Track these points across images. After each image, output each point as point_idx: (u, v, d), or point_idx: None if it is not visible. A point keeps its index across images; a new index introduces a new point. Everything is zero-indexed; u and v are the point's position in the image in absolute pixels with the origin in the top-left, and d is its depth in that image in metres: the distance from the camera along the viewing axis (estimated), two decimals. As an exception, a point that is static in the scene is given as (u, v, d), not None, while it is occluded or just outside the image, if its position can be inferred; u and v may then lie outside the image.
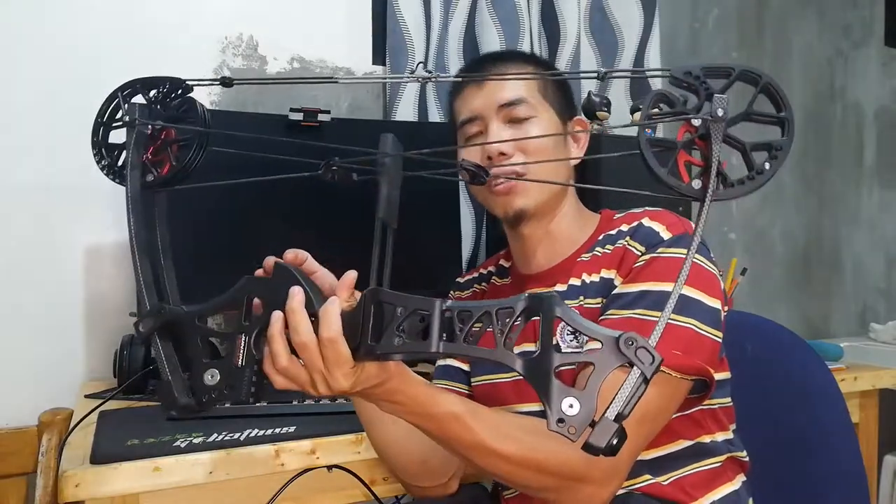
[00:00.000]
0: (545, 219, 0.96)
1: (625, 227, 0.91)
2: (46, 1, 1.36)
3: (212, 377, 0.60)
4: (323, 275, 0.76)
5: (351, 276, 0.63)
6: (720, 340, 0.84)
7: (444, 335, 0.54)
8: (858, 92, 2.39)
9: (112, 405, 1.11)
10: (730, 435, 0.94)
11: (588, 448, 0.46)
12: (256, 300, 0.64)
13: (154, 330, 0.60)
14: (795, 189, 2.28)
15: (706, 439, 0.90)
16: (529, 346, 0.84)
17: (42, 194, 1.35)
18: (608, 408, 0.46)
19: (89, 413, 1.04)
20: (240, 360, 0.61)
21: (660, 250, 0.85)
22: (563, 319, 0.50)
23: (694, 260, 0.79)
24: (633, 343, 0.47)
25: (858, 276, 2.41)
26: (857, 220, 2.40)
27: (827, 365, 1.14)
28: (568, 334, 0.87)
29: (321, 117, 1.35)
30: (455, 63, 1.69)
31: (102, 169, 0.69)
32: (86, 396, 1.20)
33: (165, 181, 0.67)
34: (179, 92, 0.67)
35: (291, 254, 0.68)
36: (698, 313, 0.81)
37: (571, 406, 0.47)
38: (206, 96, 1.49)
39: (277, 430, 0.95)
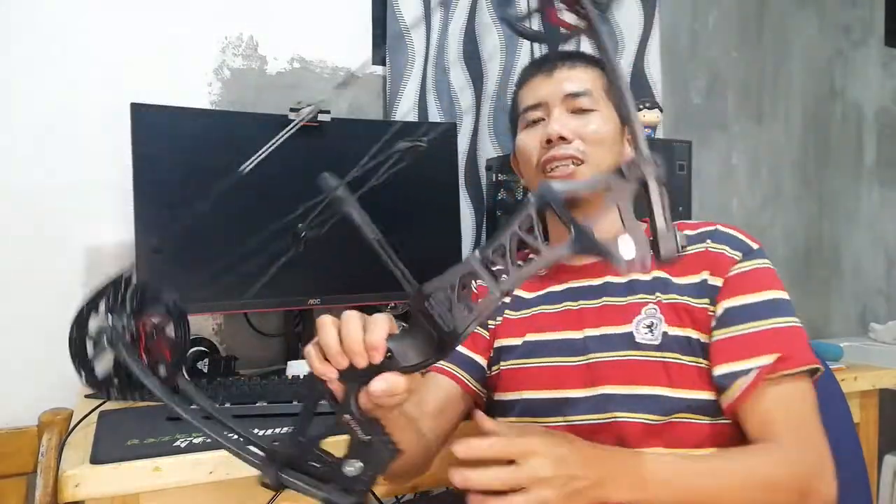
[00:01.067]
0: (597, 209, 0.97)
1: (691, 232, 0.95)
2: (46, 2, 1.36)
3: (353, 468, 0.60)
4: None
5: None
6: None
7: (496, 277, 0.56)
8: (858, 92, 2.40)
9: (112, 405, 1.11)
10: None
11: (666, 257, 0.51)
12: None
13: (280, 476, 0.59)
14: (795, 189, 2.28)
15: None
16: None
17: (42, 194, 1.35)
18: (656, 224, 0.52)
19: (89, 413, 1.04)
20: (361, 435, 0.61)
21: (757, 260, 0.90)
22: (568, 192, 0.56)
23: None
24: (633, 165, 0.51)
25: (858, 276, 2.41)
26: (857, 220, 2.41)
27: (828, 365, 1.14)
28: (644, 327, 0.90)
29: (321, 117, 1.35)
30: (455, 63, 1.69)
31: (109, 396, 0.67)
32: (86, 396, 1.20)
33: (176, 364, 0.67)
34: (130, 285, 0.66)
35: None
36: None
37: (629, 246, 0.51)
38: (206, 95, 1.49)
39: (277, 431, 0.95)
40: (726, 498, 0.77)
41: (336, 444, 0.62)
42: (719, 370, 0.85)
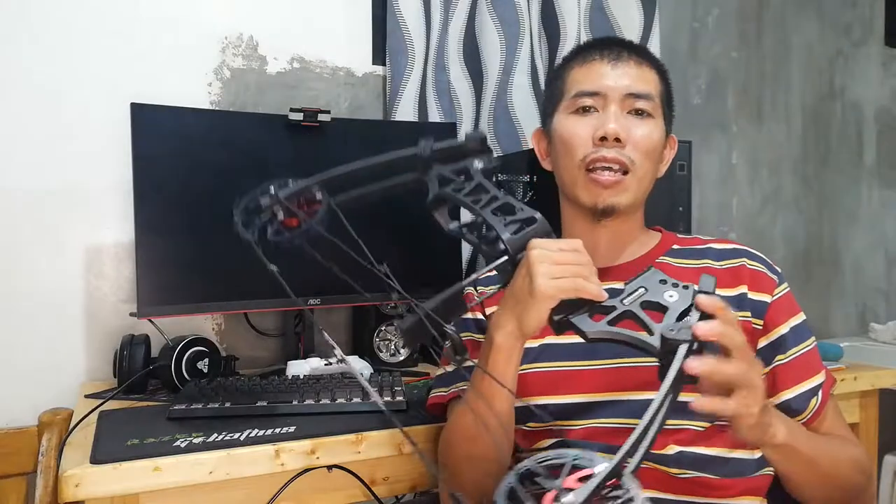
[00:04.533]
0: (627, 218, 0.96)
1: (718, 247, 0.97)
2: (46, 2, 1.36)
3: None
4: None
5: None
6: None
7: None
8: (858, 92, 2.39)
9: (112, 405, 1.11)
10: None
11: None
12: None
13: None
14: (795, 189, 2.28)
15: None
16: None
17: (42, 194, 1.35)
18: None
19: (89, 413, 1.04)
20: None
21: (786, 283, 0.94)
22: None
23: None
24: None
25: (858, 276, 2.41)
26: (857, 220, 2.40)
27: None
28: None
29: (321, 117, 1.35)
30: (455, 63, 1.69)
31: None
32: (86, 396, 1.20)
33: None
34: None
35: None
36: None
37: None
38: (206, 95, 1.49)
39: (277, 430, 0.95)
40: (826, 464, 0.82)
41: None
42: (790, 393, 0.89)
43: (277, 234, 0.74)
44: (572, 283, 0.68)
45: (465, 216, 0.75)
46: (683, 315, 0.62)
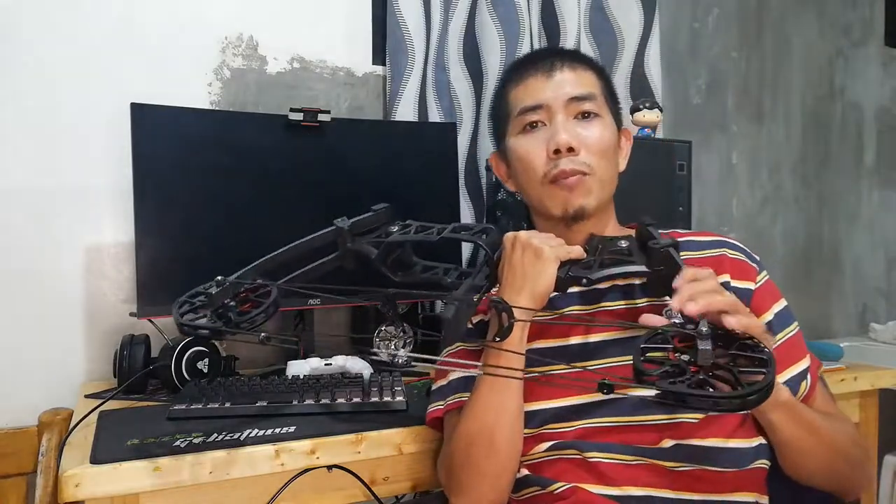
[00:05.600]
0: (598, 220, 0.97)
1: (698, 239, 0.97)
2: (45, 2, 1.36)
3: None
4: None
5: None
6: None
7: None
8: (858, 92, 2.40)
9: (112, 405, 1.11)
10: None
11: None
12: None
13: None
14: (795, 189, 2.28)
15: (764, 441, 0.92)
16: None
17: (42, 194, 1.35)
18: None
19: (89, 413, 1.04)
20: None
21: (766, 271, 0.96)
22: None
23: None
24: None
25: (858, 276, 2.41)
26: (857, 220, 2.40)
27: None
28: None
29: (321, 117, 1.35)
30: (455, 63, 1.69)
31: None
32: (86, 396, 1.20)
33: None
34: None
35: None
36: None
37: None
38: (206, 95, 1.49)
39: (277, 430, 0.95)
40: (826, 432, 0.86)
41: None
42: (779, 379, 0.88)
43: (241, 315, 0.84)
44: (562, 247, 0.86)
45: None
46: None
